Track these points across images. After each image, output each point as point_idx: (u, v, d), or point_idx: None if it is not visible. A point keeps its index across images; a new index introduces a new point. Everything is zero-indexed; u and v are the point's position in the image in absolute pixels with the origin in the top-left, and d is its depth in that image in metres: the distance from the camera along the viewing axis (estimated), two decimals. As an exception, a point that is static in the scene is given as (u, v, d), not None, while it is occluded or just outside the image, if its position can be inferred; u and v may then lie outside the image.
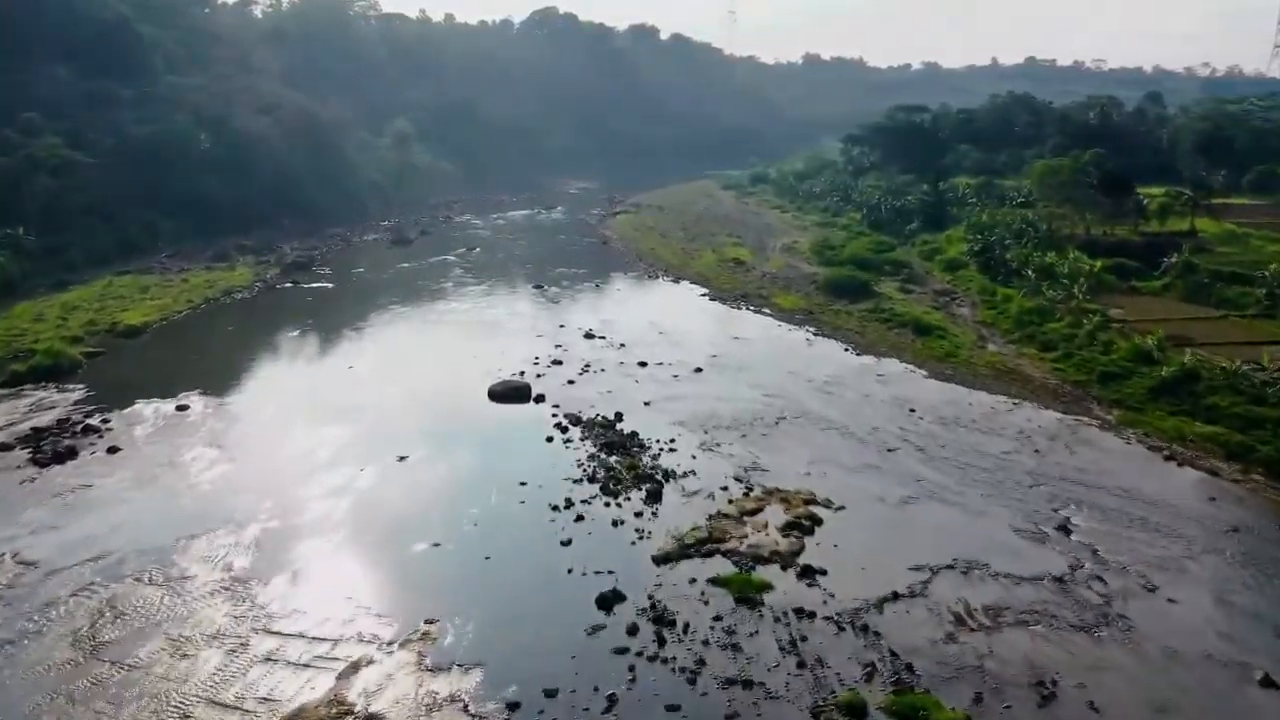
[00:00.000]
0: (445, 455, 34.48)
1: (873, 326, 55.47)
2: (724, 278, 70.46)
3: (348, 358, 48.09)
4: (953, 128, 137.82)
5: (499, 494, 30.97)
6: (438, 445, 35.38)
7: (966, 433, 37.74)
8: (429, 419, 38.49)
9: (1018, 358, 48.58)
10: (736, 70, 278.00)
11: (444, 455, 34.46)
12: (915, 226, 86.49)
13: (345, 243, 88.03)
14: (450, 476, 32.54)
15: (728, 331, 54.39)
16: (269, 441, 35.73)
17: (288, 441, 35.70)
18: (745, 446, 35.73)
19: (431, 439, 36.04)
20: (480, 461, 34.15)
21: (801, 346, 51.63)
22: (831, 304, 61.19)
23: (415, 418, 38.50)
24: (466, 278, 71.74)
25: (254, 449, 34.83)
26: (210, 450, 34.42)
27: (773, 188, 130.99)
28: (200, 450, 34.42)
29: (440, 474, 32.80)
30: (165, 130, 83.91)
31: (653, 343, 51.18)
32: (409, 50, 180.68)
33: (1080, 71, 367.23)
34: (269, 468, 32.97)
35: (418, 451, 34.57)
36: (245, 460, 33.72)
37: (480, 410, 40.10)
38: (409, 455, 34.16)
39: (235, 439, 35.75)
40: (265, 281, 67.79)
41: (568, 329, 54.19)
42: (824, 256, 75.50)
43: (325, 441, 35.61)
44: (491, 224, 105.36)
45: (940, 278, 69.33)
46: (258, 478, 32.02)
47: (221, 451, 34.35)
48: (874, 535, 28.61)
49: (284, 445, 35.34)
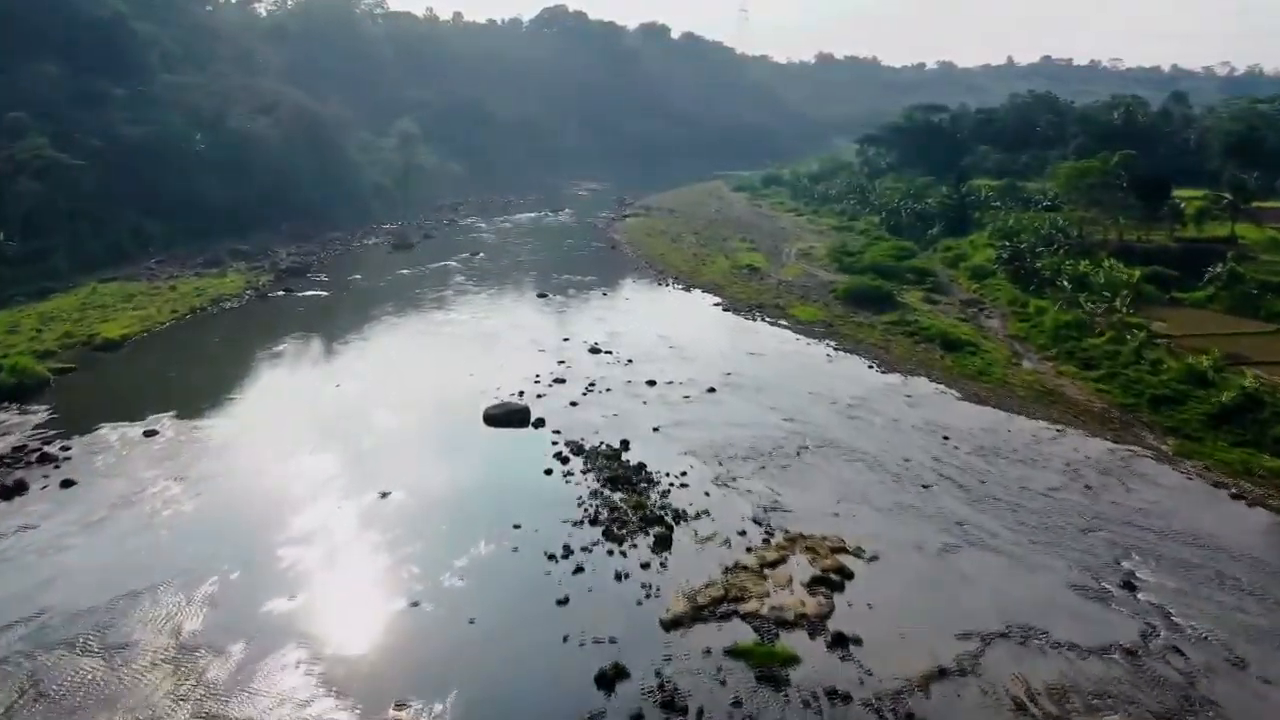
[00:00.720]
0: (433, 490, 31.16)
1: (898, 341, 51.92)
2: (737, 286, 66.99)
3: (336, 375, 44.81)
4: (972, 128, 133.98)
5: (489, 539, 27.63)
6: (425, 478, 32.06)
7: (1008, 465, 34.23)
8: (418, 447, 35.21)
9: (1057, 377, 45.00)
10: (748, 69, 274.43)
11: (431, 490, 31.14)
12: (937, 231, 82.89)
13: (345, 247, 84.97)
14: (436, 517, 29.20)
15: (742, 346, 50.96)
16: (240, 474, 32.49)
17: (261, 474, 32.46)
18: (764, 481, 32.32)
19: (419, 471, 32.73)
20: (471, 498, 30.79)
21: (822, 363, 48.14)
22: (852, 315, 57.65)
23: (403, 445, 35.25)
24: (468, 285, 68.51)
25: (222, 483, 31.58)
26: (174, 485, 31.17)
27: (786, 190, 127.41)
28: (163, 485, 31.16)
29: (426, 514, 29.47)
30: (158, 130, 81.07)
31: (662, 358, 47.80)
32: (416, 49, 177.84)
33: (1096, 71, 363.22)
34: (236, 506, 29.73)
35: (403, 486, 31.28)
36: (211, 496, 30.48)
37: (475, 436, 36.80)
38: (392, 491, 30.87)
39: (203, 471, 32.51)
40: (257, 289, 64.67)
41: (572, 342, 50.86)
42: (842, 263, 71.99)
43: (302, 474, 32.37)
44: (497, 227, 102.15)
45: (966, 287, 65.71)
46: (222, 518, 28.78)
47: (186, 486, 31.11)
48: (913, 593, 25.16)
49: (256, 479, 32.10)
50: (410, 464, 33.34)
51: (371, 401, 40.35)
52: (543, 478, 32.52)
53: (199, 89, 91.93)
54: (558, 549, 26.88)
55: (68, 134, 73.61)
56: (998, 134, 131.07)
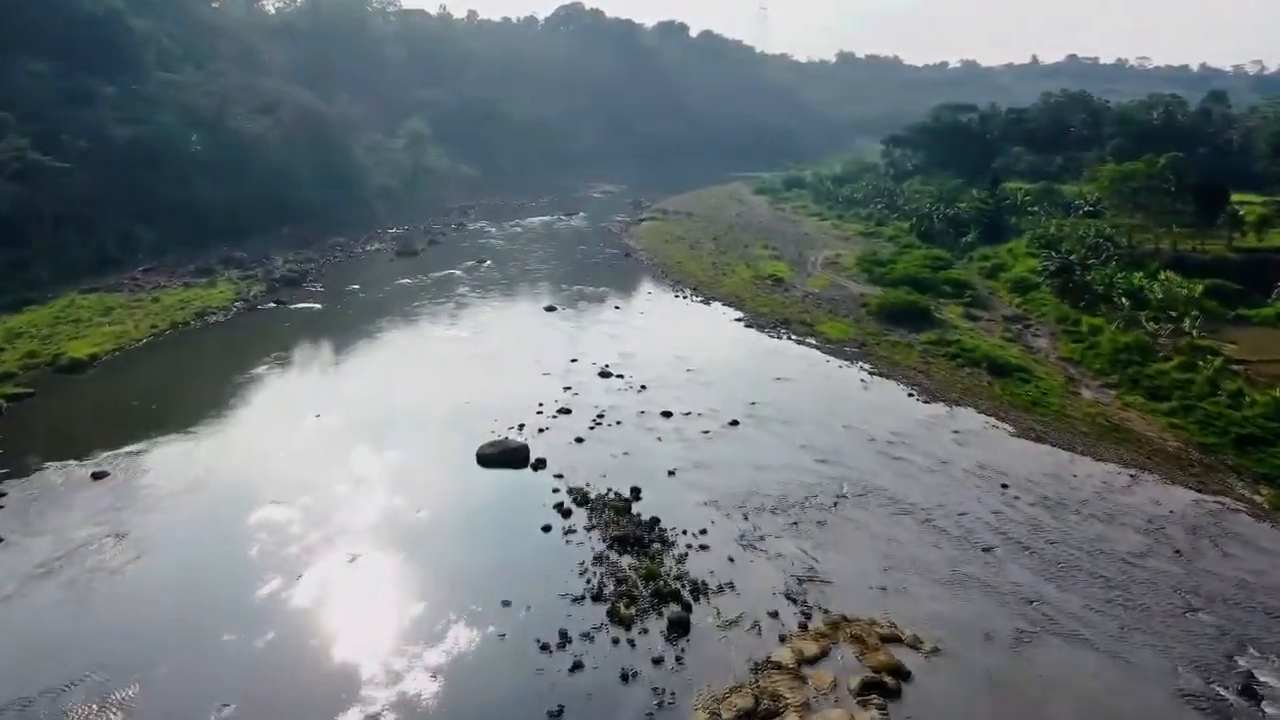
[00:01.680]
0: (411, 553, 26.77)
1: (938, 363, 47.16)
2: (760, 299, 62.30)
3: (317, 403, 40.45)
4: (1002, 128, 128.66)
5: (472, 620, 23.20)
6: (403, 538, 27.68)
7: (1079, 521, 29.50)
8: (400, 494, 30.81)
9: (1122, 409, 40.13)
10: (768, 69, 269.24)
11: (409, 553, 26.77)
12: (972, 238, 77.91)
13: (346, 253, 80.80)
14: (411, 589, 24.79)
15: (767, 369, 46.34)
16: (189, 531, 28.15)
17: (213, 532, 28.13)
18: (797, 540, 27.76)
19: (397, 526, 28.38)
20: (454, 564, 26.35)
21: (856, 390, 43.44)
22: (886, 333, 52.89)
23: (383, 492, 30.89)
24: (471, 296, 64.18)
25: (168, 543, 27.25)
26: (112, 545, 26.86)
27: (810, 193, 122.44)
28: (100, 544, 26.86)
29: (399, 585, 25.09)
30: (151, 131, 77.21)
31: (679, 384, 43.25)
32: (428, 48, 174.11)
33: (1123, 70, 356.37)
34: (178, 575, 25.40)
35: (375, 547, 26.94)
36: (153, 559, 26.19)
37: (466, 480, 32.40)
38: (362, 554, 26.53)
39: (149, 527, 28.20)
40: (247, 301, 60.54)
41: (581, 364, 46.38)
42: (873, 274, 67.16)
43: (262, 529, 28.05)
44: (507, 232, 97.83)
45: (1008, 300, 60.80)
46: (159, 591, 24.48)
47: (125, 547, 26.80)
48: (987, 703, 20.54)
49: (207, 538, 27.75)
50: (387, 519, 28.96)
51: (353, 436, 36.00)
52: (540, 536, 28.06)
53: (196, 88, 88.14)
54: (553, 636, 22.42)
55: (54, 134, 69.81)
56: (1030, 134, 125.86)
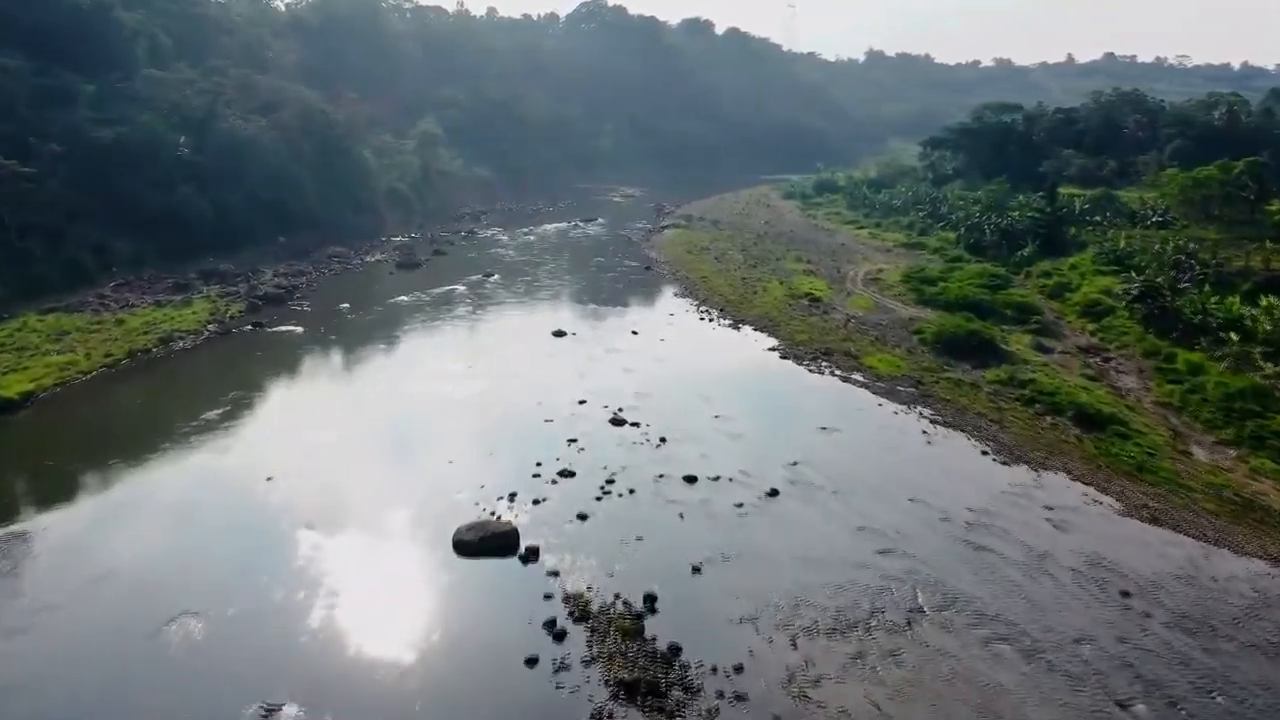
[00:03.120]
0: (348, 706, 20.06)
1: (1012, 409, 39.89)
2: (796, 322, 55.17)
3: (272, 459, 33.88)
4: (1049, 129, 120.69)
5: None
6: (343, 679, 20.96)
7: (1240, 655, 22.28)
8: (347, 602, 24.07)
9: (1249, 476, 32.75)
10: (797, 67, 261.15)
11: (345, 706, 20.05)
12: (1029, 252, 70.24)
13: (343, 265, 74.48)
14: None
15: (810, 414, 39.27)
16: (67, 661, 21.60)
17: (99, 666, 21.55)
18: (865, 685, 20.79)
19: (337, 659, 21.68)
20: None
21: (918, 445, 36.28)
22: (946, 368, 45.68)
23: (327, 598, 24.18)
24: (472, 318, 57.55)
25: (38, 675, 20.73)
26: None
27: (843, 198, 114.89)
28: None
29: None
30: (133, 132, 71.10)
31: (705, 435, 36.32)
32: (445, 46, 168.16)
33: (1163, 68, 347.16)
34: (54, 702, 18.89)
35: (302, 693, 20.24)
36: (23, 665, 19.66)
37: (436, 579, 25.63)
38: (284, 706, 19.85)
39: (39, 623, 21.71)
40: (221, 322, 54.19)
41: (590, 406, 39.54)
42: (922, 294, 59.83)
43: (159, 665, 21.42)
44: (519, 241, 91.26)
45: (1079, 327, 53.35)
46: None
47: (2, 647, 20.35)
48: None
49: (90, 675, 21.19)
50: (327, 641, 22.27)
51: (304, 508, 29.33)
52: (523, 674, 21.24)
53: (188, 86, 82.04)
54: None
55: (22, 137, 63.96)
56: (1079, 136, 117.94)
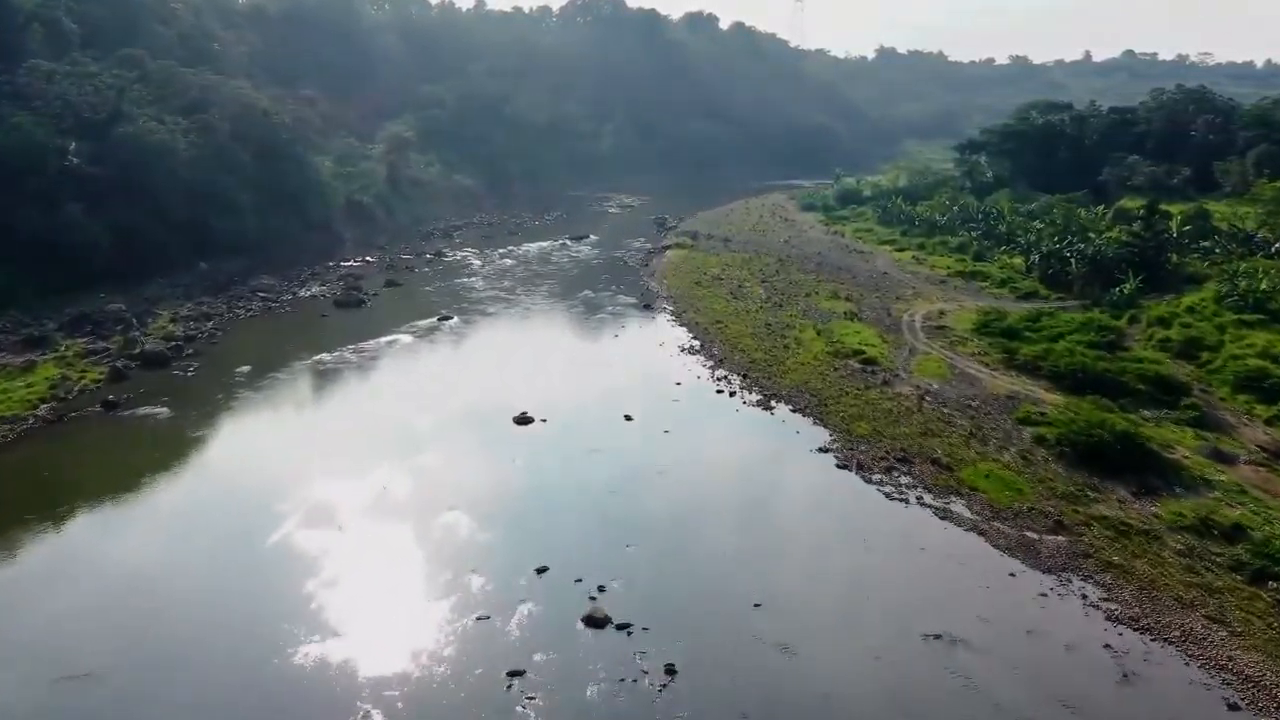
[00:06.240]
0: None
1: (1231, 588, 24.87)
2: (850, 399, 40.20)
3: (54, 662, 19.09)
4: (1104, 131, 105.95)
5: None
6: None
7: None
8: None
9: None
10: (805, 64, 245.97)
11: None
12: (1129, 289, 55.22)
13: (266, 304, 59.51)
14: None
15: (900, 594, 24.43)
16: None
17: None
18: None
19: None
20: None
21: (1109, 683, 21.37)
22: (1090, 493, 30.69)
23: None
24: (408, 392, 42.72)
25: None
26: None
27: (872, 211, 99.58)
28: None
29: None
30: (2, 137, 56.39)
31: (737, 645, 21.53)
32: (428, 40, 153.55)
33: (1184, 66, 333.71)
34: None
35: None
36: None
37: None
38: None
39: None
40: (64, 399, 39.39)
41: (552, 581, 24.84)
42: (1011, 354, 44.87)
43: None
44: (494, 265, 76.33)
45: (1243, 408, 38.46)
46: None
47: None
48: None
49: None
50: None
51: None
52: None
53: (87, 81, 67.16)
54: None
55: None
56: (1139, 139, 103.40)
